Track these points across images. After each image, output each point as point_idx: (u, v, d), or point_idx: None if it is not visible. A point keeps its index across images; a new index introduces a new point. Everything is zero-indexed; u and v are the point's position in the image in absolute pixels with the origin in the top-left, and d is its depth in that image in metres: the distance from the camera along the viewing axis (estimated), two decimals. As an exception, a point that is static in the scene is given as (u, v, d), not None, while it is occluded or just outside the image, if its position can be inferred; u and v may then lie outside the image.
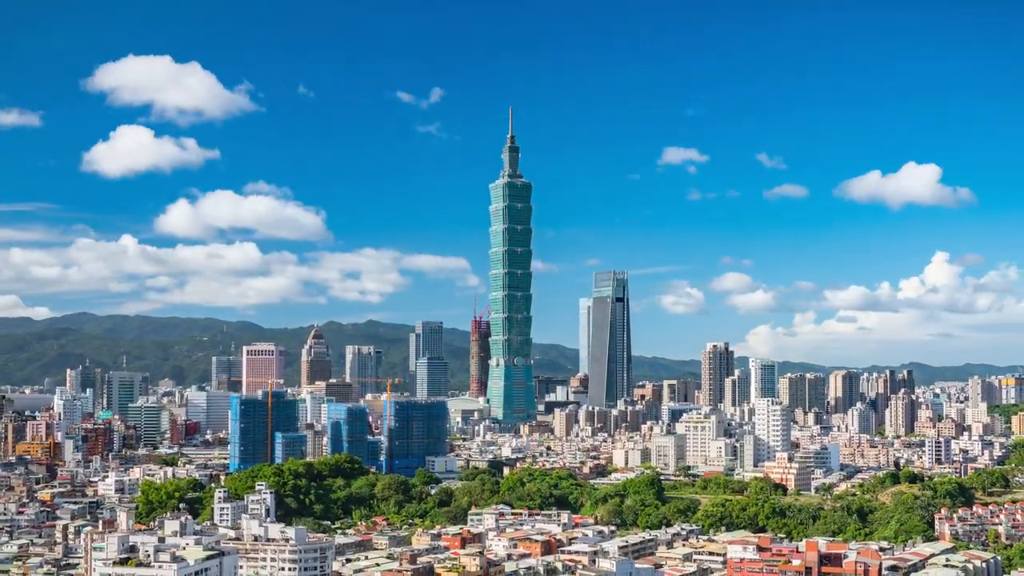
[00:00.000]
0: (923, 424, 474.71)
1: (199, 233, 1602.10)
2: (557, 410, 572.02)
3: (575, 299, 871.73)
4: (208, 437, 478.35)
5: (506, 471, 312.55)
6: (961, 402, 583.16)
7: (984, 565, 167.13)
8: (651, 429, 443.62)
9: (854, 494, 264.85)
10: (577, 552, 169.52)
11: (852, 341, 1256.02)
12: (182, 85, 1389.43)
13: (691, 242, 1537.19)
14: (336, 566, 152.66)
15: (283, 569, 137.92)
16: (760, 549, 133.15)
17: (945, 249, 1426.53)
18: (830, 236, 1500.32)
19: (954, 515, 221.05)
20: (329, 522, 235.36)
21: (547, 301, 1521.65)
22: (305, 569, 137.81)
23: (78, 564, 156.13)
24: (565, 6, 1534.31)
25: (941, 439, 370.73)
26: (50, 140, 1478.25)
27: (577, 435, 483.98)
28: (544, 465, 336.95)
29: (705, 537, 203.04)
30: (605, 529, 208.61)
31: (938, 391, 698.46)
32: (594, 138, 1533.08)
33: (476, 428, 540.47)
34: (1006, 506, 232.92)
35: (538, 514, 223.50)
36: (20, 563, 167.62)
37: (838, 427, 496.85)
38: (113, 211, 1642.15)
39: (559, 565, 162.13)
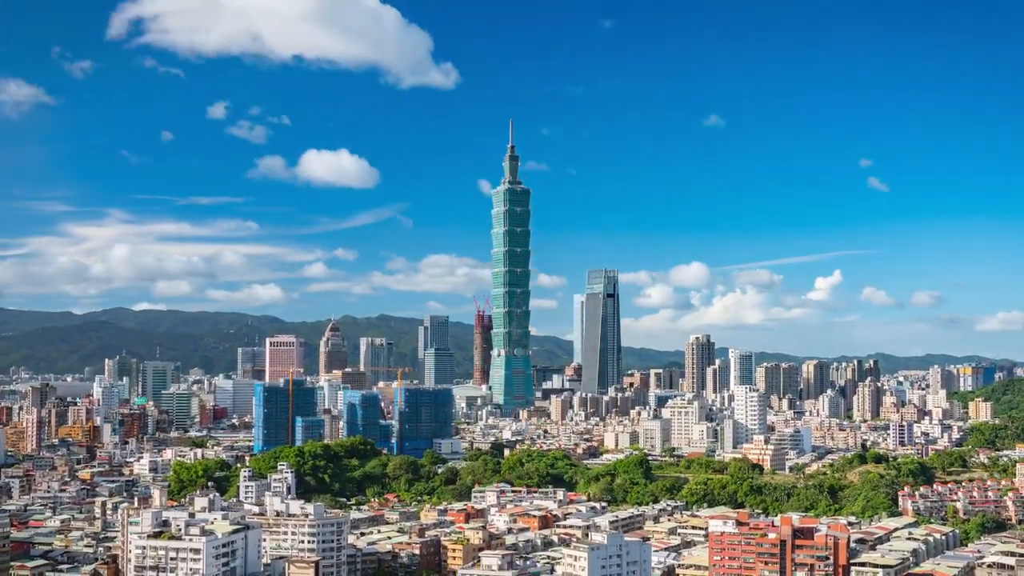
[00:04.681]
0: (888, 409, 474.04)
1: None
2: (553, 397, 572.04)
3: (570, 295, 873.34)
4: (234, 421, 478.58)
5: (507, 452, 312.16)
6: (922, 389, 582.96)
7: (943, 538, 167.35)
8: (639, 414, 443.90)
9: (825, 473, 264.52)
10: (572, 526, 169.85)
11: (824, 333, 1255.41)
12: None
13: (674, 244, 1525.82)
14: (351, 539, 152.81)
15: (303, 542, 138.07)
16: (739, 523, 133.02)
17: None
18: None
19: (916, 492, 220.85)
20: (345, 499, 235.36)
21: (545, 297, 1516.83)
22: (323, 542, 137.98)
23: (116, 537, 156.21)
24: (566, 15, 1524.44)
25: (904, 423, 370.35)
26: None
27: (572, 419, 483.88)
28: (541, 447, 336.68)
29: (689, 512, 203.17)
30: (597, 505, 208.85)
31: (901, 379, 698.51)
32: (591, 145, 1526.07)
33: (479, 413, 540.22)
34: (964, 484, 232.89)
35: (536, 492, 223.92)
36: (63, 536, 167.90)
37: (810, 412, 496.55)
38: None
39: (555, 538, 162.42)
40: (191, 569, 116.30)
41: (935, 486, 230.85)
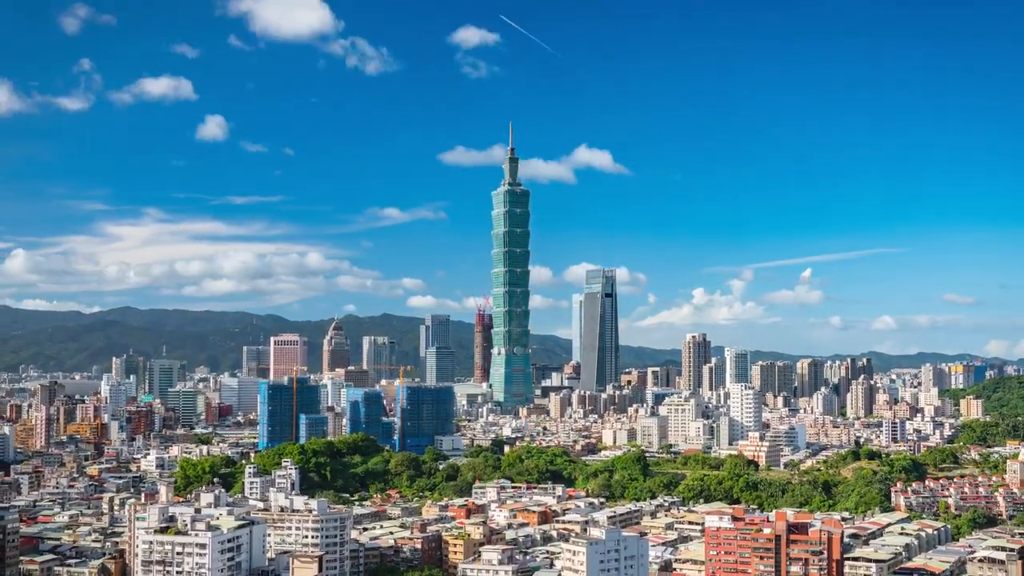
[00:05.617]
0: (881, 407, 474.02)
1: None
2: (552, 394, 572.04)
3: (569, 295, 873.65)
4: (239, 418, 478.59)
5: (507, 449, 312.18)
6: (915, 387, 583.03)
7: (935, 533, 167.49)
8: (637, 411, 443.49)
9: (819, 469, 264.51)
10: (570, 521, 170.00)
11: (817, 330, 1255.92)
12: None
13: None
14: (354, 534, 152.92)
15: (307, 537, 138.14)
16: (735, 519, 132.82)
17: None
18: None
19: (908, 488, 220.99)
20: (348, 495, 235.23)
21: (544, 296, 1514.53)
22: (326, 537, 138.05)
23: (123, 532, 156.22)
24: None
25: (897, 420, 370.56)
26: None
27: (570, 417, 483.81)
28: (541, 444, 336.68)
29: (685, 508, 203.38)
30: (595, 501, 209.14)
31: (894, 377, 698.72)
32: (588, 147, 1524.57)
33: (480, 410, 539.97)
34: (955, 480, 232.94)
35: (535, 488, 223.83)
36: (71, 531, 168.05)
37: (804, 409, 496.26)
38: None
39: (554, 533, 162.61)
40: (197, 563, 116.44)
41: (927, 482, 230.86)
